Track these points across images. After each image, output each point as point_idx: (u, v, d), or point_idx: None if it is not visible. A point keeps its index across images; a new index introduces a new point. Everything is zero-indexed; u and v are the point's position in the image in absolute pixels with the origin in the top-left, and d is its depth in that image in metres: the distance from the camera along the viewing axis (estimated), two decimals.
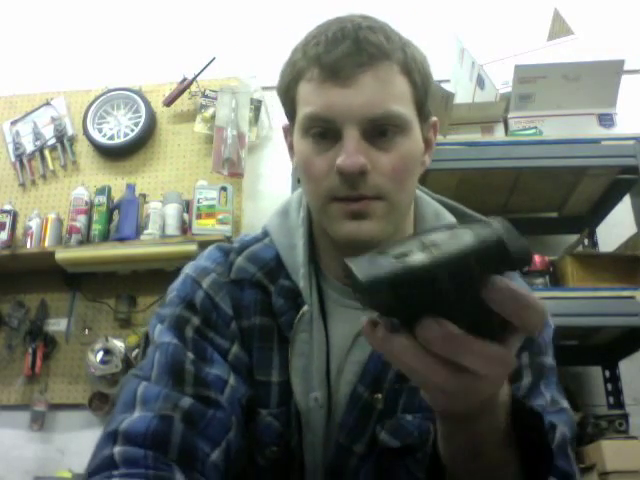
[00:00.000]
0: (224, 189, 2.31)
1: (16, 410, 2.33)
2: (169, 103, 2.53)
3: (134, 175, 2.54)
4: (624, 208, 2.07)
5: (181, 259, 2.16)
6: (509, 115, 1.95)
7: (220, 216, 2.26)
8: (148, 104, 2.55)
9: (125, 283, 2.40)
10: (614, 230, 2.14)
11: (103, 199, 2.37)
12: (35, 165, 2.59)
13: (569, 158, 1.83)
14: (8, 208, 2.41)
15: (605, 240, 2.17)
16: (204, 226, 2.25)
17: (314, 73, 0.75)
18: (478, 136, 1.95)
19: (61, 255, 2.26)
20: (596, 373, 2.08)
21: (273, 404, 0.82)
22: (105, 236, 2.32)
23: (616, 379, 2.04)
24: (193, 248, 2.18)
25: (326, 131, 0.75)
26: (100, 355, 2.24)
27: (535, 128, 1.93)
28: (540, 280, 1.89)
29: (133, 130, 2.55)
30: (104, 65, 2.70)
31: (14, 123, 2.64)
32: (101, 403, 2.25)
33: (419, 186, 0.89)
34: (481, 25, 2.48)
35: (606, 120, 1.91)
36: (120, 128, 2.57)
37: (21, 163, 2.58)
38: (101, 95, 2.59)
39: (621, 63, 1.88)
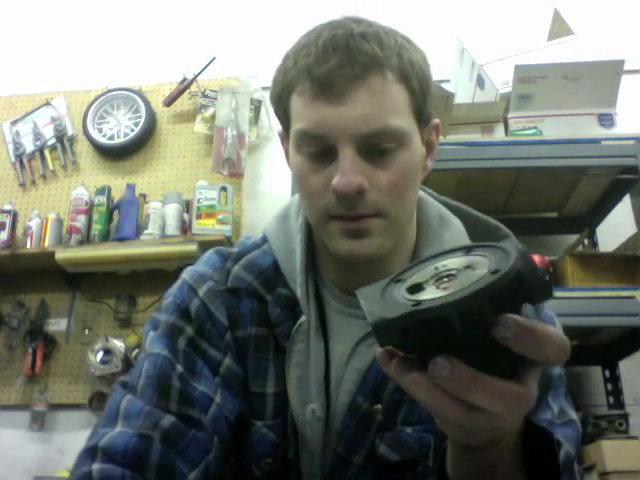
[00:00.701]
0: (224, 189, 2.31)
1: (16, 410, 2.33)
2: (169, 103, 2.53)
3: (134, 175, 2.54)
4: (624, 208, 2.07)
5: (181, 259, 2.16)
6: (509, 115, 1.95)
7: (220, 216, 2.26)
8: (148, 104, 2.55)
9: (125, 283, 2.40)
10: (614, 230, 2.14)
11: (103, 199, 2.37)
12: (35, 165, 2.59)
13: (569, 158, 1.83)
14: (8, 208, 2.41)
15: (605, 240, 2.17)
16: (204, 226, 2.25)
17: (305, 87, 0.71)
18: (478, 136, 1.95)
19: (61, 255, 2.26)
20: (596, 373, 2.08)
21: (268, 415, 0.81)
22: (105, 236, 2.32)
23: (616, 379, 2.04)
24: (193, 248, 2.18)
25: (320, 149, 0.72)
26: (100, 355, 2.24)
27: (535, 128, 1.93)
28: None
29: (133, 130, 2.55)
30: (104, 65, 2.70)
31: (14, 123, 2.65)
32: (101, 403, 2.25)
33: (423, 187, 0.87)
34: (481, 25, 2.48)
35: (606, 120, 1.91)
36: (120, 128, 2.57)
37: (21, 163, 2.58)
38: (101, 95, 2.59)
39: (621, 63, 1.88)
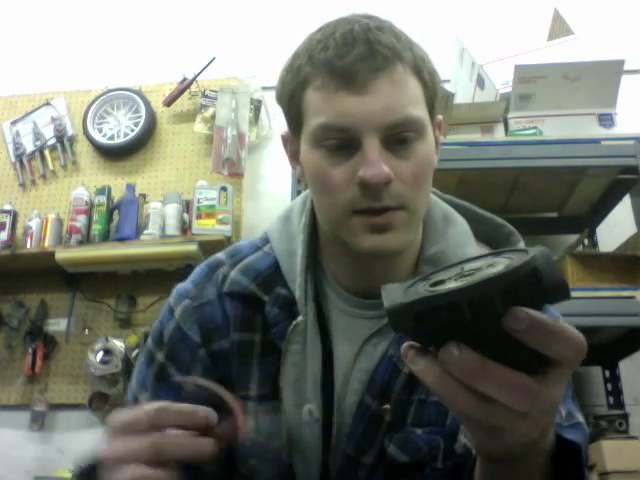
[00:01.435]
0: (224, 189, 2.31)
1: (16, 410, 2.33)
2: (169, 103, 2.53)
3: (134, 175, 2.54)
4: (624, 208, 2.07)
5: (181, 259, 2.17)
6: (509, 115, 1.95)
7: (220, 216, 2.26)
8: (148, 104, 2.55)
9: (125, 283, 2.40)
10: (614, 230, 2.14)
11: (103, 199, 2.37)
12: (35, 165, 2.59)
13: (569, 158, 1.83)
14: (8, 208, 2.41)
15: (605, 240, 2.17)
16: (204, 226, 2.25)
17: (324, 80, 0.71)
18: (478, 136, 1.95)
19: (61, 255, 2.26)
20: (596, 373, 2.08)
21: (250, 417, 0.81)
22: (105, 236, 2.32)
23: (616, 379, 2.04)
24: (193, 248, 2.18)
25: (342, 142, 0.71)
26: (100, 355, 2.24)
27: (535, 128, 1.93)
28: None
29: (133, 130, 2.55)
30: (104, 65, 2.70)
31: (14, 123, 2.64)
32: (101, 403, 2.25)
33: None
34: (481, 25, 2.48)
35: (606, 120, 1.91)
36: (120, 128, 2.57)
37: (21, 163, 2.58)
38: (101, 95, 2.59)
39: (621, 63, 1.88)
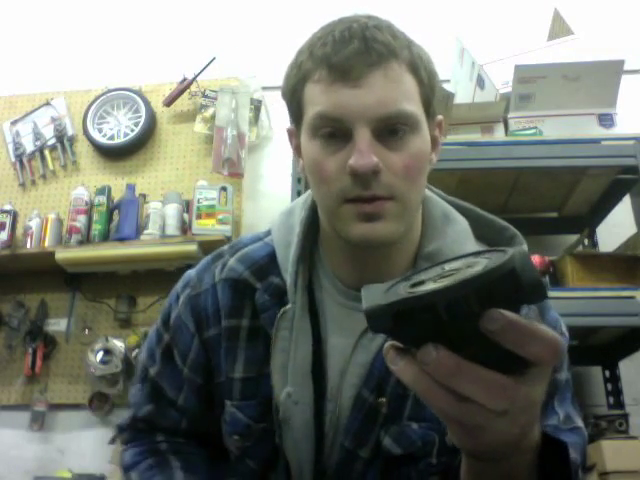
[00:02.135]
0: (224, 189, 2.31)
1: (16, 410, 2.33)
2: (169, 103, 2.53)
3: (134, 175, 2.54)
4: (624, 208, 2.08)
5: (181, 259, 2.16)
6: (509, 115, 1.95)
7: (220, 216, 2.26)
8: (148, 104, 2.55)
9: (125, 283, 2.40)
10: (614, 230, 2.14)
11: (103, 199, 2.37)
12: (35, 165, 2.59)
13: (569, 158, 1.83)
14: (8, 208, 2.41)
15: (605, 240, 2.17)
16: (204, 226, 2.25)
17: (322, 74, 0.74)
18: (478, 136, 1.95)
19: (61, 255, 2.25)
20: (596, 373, 2.08)
21: (235, 396, 0.86)
22: (105, 236, 2.32)
23: (616, 379, 2.04)
24: (193, 248, 2.17)
25: (336, 131, 0.74)
26: (100, 355, 2.24)
27: (535, 128, 1.93)
28: None
29: (133, 130, 2.55)
30: (104, 65, 2.70)
31: (14, 123, 2.64)
32: (101, 403, 2.25)
33: (429, 186, 0.88)
34: (481, 25, 2.48)
35: (606, 120, 1.91)
36: (120, 128, 2.57)
37: (21, 163, 2.58)
38: (101, 95, 2.59)
39: (621, 63, 1.88)
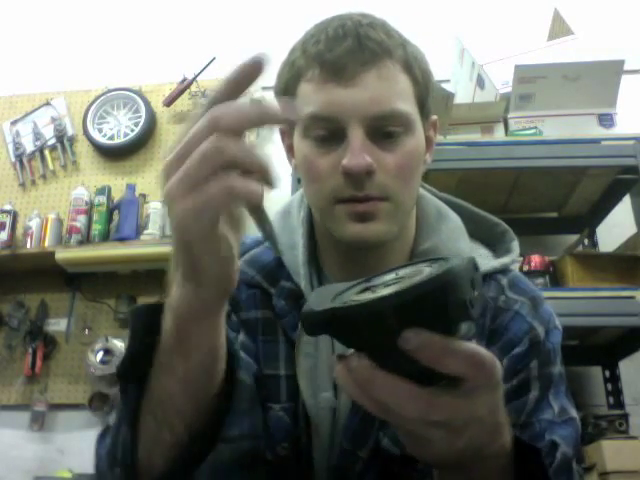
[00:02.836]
0: None
1: (16, 410, 2.33)
2: (169, 103, 2.53)
3: (134, 175, 2.53)
4: (624, 208, 2.07)
5: None
6: (509, 115, 1.95)
7: None
8: (148, 104, 2.55)
9: (125, 283, 2.40)
10: (614, 230, 2.14)
11: (103, 199, 2.37)
12: (35, 165, 2.58)
13: (569, 158, 1.83)
14: (8, 208, 2.41)
15: (605, 240, 2.17)
16: None
17: (315, 72, 0.73)
18: (478, 136, 1.95)
19: (61, 255, 2.25)
20: (596, 373, 2.08)
21: (283, 398, 0.81)
22: (105, 236, 2.32)
23: (616, 379, 2.04)
24: None
25: (329, 132, 0.73)
26: (100, 355, 2.24)
27: (535, 128, 1.93)
28: (540, 280, 1.89)
29: (133, 130, 2.55)
30: (104, 65, 2.70)
31: (14, 123, 2.64)
32: (101, 403, 2.25)
33: (423, 184, 0.88)
34: (481, 25, 2.48)
35: (606, 120, 1.91)
36: (120, 128, 2.57)
37: (21, 163, 2.58)
38: (101, 95, 2.59)
39: (621, 63, 1.88)
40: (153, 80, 2.63)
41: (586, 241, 2.16)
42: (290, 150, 0.83)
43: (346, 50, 0.72)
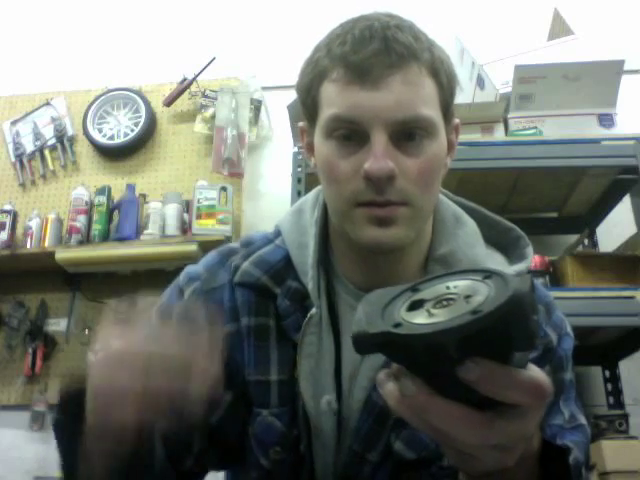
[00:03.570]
0: (224, 189, 2.31)
1: (16, 410, 2.33)
2: (169, 103, 2.53)
3: (134, 175, 2.53)
4: (624, 208, 2.07)
5: (181, 259, 2.16)
6: (509, 115, 1.95)
7: (220, 216, 2.26)
8: (148, 104, 2.55)
9: (125, 283, 2.40)
10: (614, 230, 2.14)
11: (103, 199, 2.37)
12: (35, 165, 2.59)
13: (569, 158, 1.83)
14: (8, 208, 2.41)
15: (605, 240, 2.17)
16: (204, 226, 2.25)
17: (339, 73, 0.72)
18: (478, 136, 1.95)
19: (61, 255, 2.26)
20: (596, 373, 2.08)
21: (273, 403, 0.81)
22: (105, 236, 2.32)
23: (616, 379, 2.04)
24: (193, 248, 2.18)
25: (351, 133, 0.73)
26: None
27: (535, 128, 1.92)
28: (540, 280, 1.89)
29: (133, 130, 2.55)
30: (104, 65, 2.70)
31: (14, 123, 2.65)
32: None
33: (441, 188, 0.87)
34: (481, 25, 2.48)
35: (606, 120, 1.91)
36: (120, 128, 2.57)
37: (21, 163, 2.58)
38: (101, 95, 2.59)
39: (621, 63, 1.88)
40: (153, 80, 2.64)
41: (586, 241, 2.16)
42: (309, 148, 0.82)
43: (372, 52, 0.70)
